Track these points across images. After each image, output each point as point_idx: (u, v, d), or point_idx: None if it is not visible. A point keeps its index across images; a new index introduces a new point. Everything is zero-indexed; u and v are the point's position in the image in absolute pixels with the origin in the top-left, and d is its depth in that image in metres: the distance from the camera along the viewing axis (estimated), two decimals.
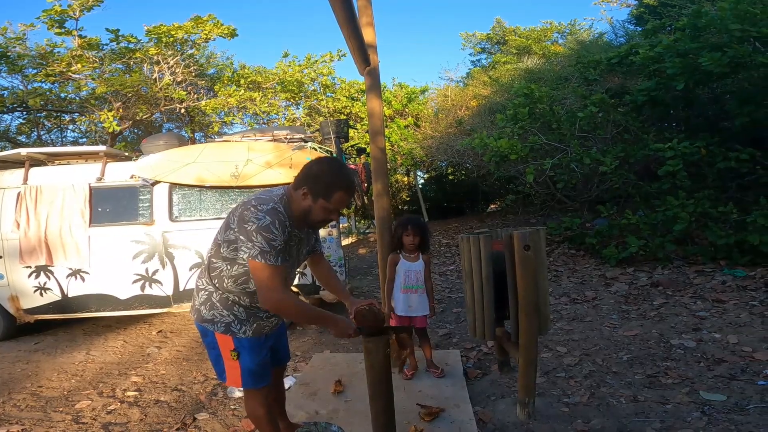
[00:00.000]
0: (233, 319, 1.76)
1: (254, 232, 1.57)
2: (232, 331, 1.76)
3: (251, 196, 1.72)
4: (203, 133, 12.06)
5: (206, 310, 1.78)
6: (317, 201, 1.68)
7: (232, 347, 1.77)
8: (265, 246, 1.57)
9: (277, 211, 1.62)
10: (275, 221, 1.59)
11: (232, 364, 1.79)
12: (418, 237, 2.89)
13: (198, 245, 4.20)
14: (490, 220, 10.22)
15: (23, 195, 4.20)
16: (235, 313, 1.76)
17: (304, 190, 1.68)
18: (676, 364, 2.87)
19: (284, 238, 1.62)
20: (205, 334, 1.82)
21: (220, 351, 1.79)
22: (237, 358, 1.78)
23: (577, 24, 14.52)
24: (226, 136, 5.15)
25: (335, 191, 1.67)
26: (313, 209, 1.70)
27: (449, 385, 2.75)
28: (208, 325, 1.78)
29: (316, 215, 1.71)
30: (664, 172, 5.15)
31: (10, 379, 3.38)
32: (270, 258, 1.58)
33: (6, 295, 4.22)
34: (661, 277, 4.74)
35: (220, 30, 8.70)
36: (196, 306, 1.82)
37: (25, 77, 8.76)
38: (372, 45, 3.04)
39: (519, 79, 8.98)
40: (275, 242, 1.59)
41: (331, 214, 1.73)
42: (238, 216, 1.63)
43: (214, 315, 1.77)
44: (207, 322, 1.78)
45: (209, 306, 1.77)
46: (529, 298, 2.16)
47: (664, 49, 5.38)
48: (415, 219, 2.99)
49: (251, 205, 1.62)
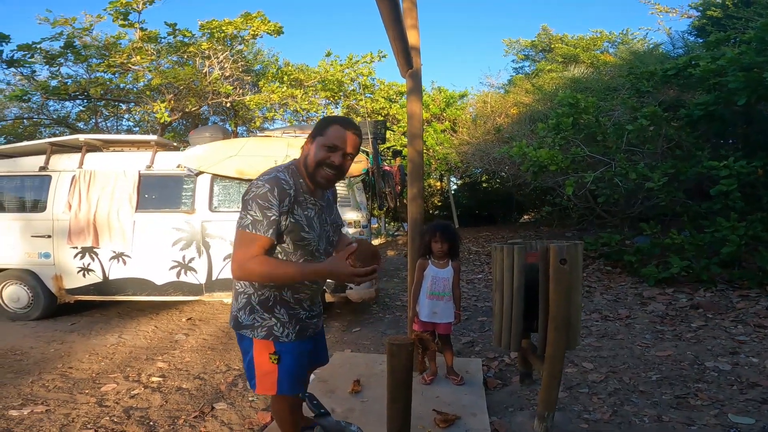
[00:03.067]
0: (275, 323, 1.64)
1: (251, 201, 1.51)
2: (274, 335, 1.64)
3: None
4: (246, 127, 12.42)
5: (245, 315, 1.65)
6: (314, 141, 1.61)
7: (272, 350, 1.64)
8: (258, 215, 1.49)
9: (279, 179, 1.54)
10: (274, 188, 1.51)
11: (270, 368, 1.65)
12: (447, 244, 2.85)
13: (233, 236, 4.30)
14: (523, 230, 9.99)
15: (77, 178, 4.43)
16: (277, 316, 1.64)
17: (306, 141, 1.64)
18: (708, 386, 2.76)
19: (284, 208, 1.52)
20: (242, 339, 1.70)
21: (254, 356, 1.66)
22: (277, 362, 1.65)
23: (630, 33, 13.96)
24: (268, 131, 5.27)
25: (330, 125, 1.60)
26: (312, 151, 1.60)
27: (468, 393, 2.71)
28: (247, 332, 1.65)
29: (316, 155, 1.58)
30: (716, 191, 4.86)
31: (43, 359, 3.52)
32: (260, 228, 1.49)
33: (50, 274, 4.45)
34: (703, 299, 4.55)
35: (267, 27, 8.93)
36: (233, 312, 1.70)
37: (89, 67, 9.24)
38: (415, 47, 3.03)
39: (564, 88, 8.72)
40: (270, 211, 1.49)
41: (330, 151, 1.58)
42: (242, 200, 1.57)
43: (254, 319, 1.64)
44: (246, 329, 1.65)
45: (249, 310, 1.65)
46: (561, 312, 2.10)
47: (728, 62, 5.08)
48: (444, 225, 2.94)
49: (256, 179, 1.57)
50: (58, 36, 8.35)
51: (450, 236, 2.86)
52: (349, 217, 4.23)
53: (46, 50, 8.52)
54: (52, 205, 4.44)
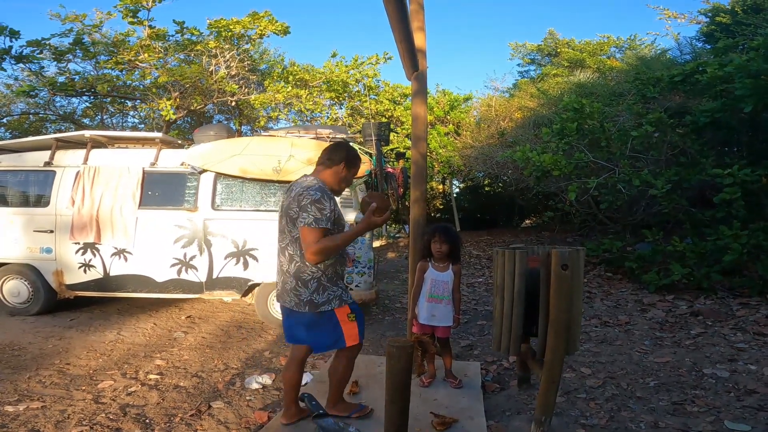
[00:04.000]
0: (341, 292, 2.23)
1: (309, 205, 2.08)
2: (344, 300, 2.22)
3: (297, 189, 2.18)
4: (250, 127, 12.44)
5: (320, 296, 2.17)
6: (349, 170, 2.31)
7: (348, 311, 2.22)
8: (318, 214, 2.08)
9: (323, 189, 2.18)
10: (324, 195, 2.13)
11: (351, 326, 2.23)
12: (446, 246, 2.83)
13: (235, 235, 4.31)
14: (524, 235, 9.96)
15: (82, 174, 4.44)
16: (339, 286, 2.25)
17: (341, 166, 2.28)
18: (705, 392, 2.76)
19: (332, 206, 2.15)
20: (321, 315, 2.17)
21: (339, 321, 2.19)
22: (354, 320, 2.24)
23: (637, 39, 13.91)
24: (272, 131, 5.27)
25: (359, 163, 2.40)
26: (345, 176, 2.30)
27: (465, 396, 2.71)
28: (325, 307, 2.17)
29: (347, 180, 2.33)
30: (719, 199, 4.84)
31: (41, 355, 3.53)
32: (321, 222, 2.08)
33: (51, 269, 4.46)
34: (703, 306, 4.54)
35: (275, 26, 8.95)
36: (305, 299, 2.16)
37: (97, 63, 9.27)
38: (422, 50, 3.03)
39: (569, 93, 8.70)
40: (326, 210, 2.10)
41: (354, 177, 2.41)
42: (296, 202, 2.12)
43: (328, 295, 2.18)
44: (324, 305, 2.17)
45: (321, 290, 2.17)
46: (561, 317, 2.10)
47: (735, 69, 5.06)
48: (445, 227, 2.93)
49: (303, 191, 2.13)
50: (68, 32, 8.39)
51: (450, 238, 2.84)
52: (351, 218, 4.23)
53: (55, 46, 8.56)
54: (55, 200, 4.45)
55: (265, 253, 4.29)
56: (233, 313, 4.89)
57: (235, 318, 4.72)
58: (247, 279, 4.33)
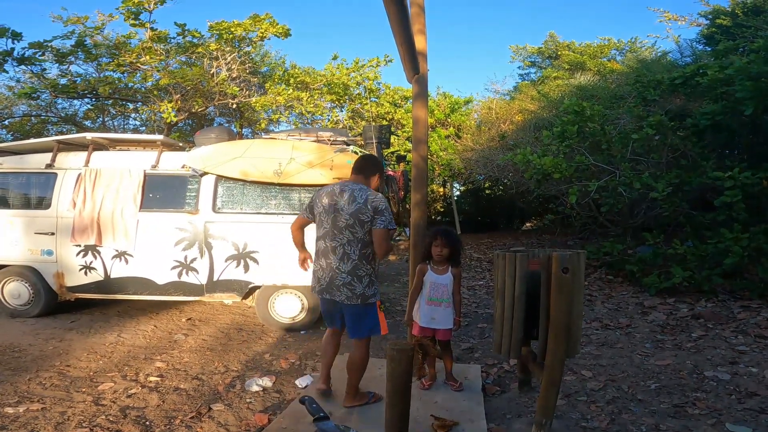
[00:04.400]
0: (378, 286, 2.60)
1: (385, 210, 2.46)
2: (379, 294, 2.60)
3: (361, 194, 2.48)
4: (251, 129, 12.45)
5: (369, 290, 2.50)
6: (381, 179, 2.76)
7: (380, 304, 2.61)
8: (390, 217, 2.48)
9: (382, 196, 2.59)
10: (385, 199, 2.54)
11: (382, 316, 2.59)
12: (447, 249, 2.82)
13: (235, 237, 4.31)
14: (525, 238, 9.96)
15: (83, 176, 4.45)
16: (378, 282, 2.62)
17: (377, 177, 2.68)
18: (706, 395, 2.75)
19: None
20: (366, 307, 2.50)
21: (377, 312, 2.54)
22: (383, 311, 2.61)
23: (638, 41, 13.92)
24: (273, 133, 5.28)
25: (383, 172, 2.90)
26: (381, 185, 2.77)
27: (466, 399, 2.70)
28: (372, 299, 2.52)
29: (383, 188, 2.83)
30: (720, 202, 4.84)
31: (41, 357, 3.52)
32: (392, 224, 2.48)
33: (52, 271, 4.46)
34: (704, 309, 4.54)
35: (276, 29, 8.96)
36: (358, 293, 2.47)
37: (99, 66, 9.28)
38: (422, 53, 3.04)
39: (570, 96, 8.71)
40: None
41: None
42: (371, 208, 2.44)
43: (375, 289, 2.54)
44: (371, 298, 2.51)
45: (370, 283, 2.51)
46: (561, 320, 2.10)
47: (736, 72, 5.06)
48: (445, 230, 2.92)
49: (374, 197, 2.48)
50: (70, 34, 8.40)
51: (451, 241, 2.84)
52: None
53: (57, 48, 8.57)
54: (56, 202, 4.46)
55: (265, 255, 4.29)
56: (234, 316, 4.89)
57: (236, 320, 4.72)
58: (248, 282, 4.33)
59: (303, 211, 2.75)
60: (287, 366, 3.43)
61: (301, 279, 4.29)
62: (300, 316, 4.37)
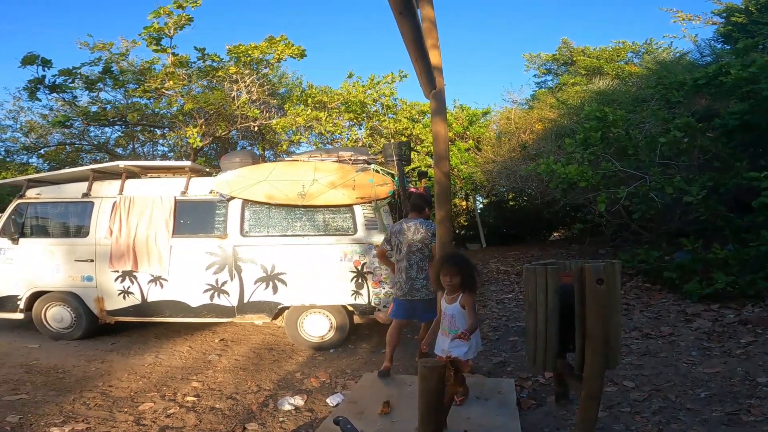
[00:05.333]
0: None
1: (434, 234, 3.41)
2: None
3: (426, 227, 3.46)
4: (273, 151, 12.68)
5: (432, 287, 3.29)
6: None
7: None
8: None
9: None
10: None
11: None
12: (457, 277, 2.64)
13: (263, 260, 4.39)
14: (553, 248, 9.76)
15: (118, 204, 4.63)
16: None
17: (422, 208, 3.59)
18: (761, 402, 2.63)
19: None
20: (433, 301, 3.35)
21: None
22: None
23: (654, 43, 13.66)
24: (295, 155, 5.40)
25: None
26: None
27: (500, 414, 2.64)
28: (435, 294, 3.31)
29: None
30: (758, 204, 4.65)
31: (84, 378, 3.64)
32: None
33: (93, 296, 4.63)
34: (751, 314, 4.33)
35: (291, 50, 9.08)
36: (432, 290, 3.32)
37: (126, 92, 9.56)
38: (438, 67, 3.06)
39: (590, 102, 8.58)
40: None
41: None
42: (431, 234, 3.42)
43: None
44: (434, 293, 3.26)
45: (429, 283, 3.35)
46: (598, 332, 2.03)
47: (759, 69, 4.92)
48: (450, 257, 2.76)
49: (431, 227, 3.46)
50: (97, 61, 8.66)
51: (458, 268, 2.65)
52: (376, 239, 4.25)
53: (86, 75, 8.83)
54: (94, 230, 4.64)
55: (293, 276, 4.35)
56: (264, 336, 4.94)
57: (266, 340, 4.77)
58: (277, 302, 4.39)
59: (382, 244, 3.73)
60: (318, 384, 3.44)
61: (328, 299, 4.33)
62: (329, 335, 4.39)
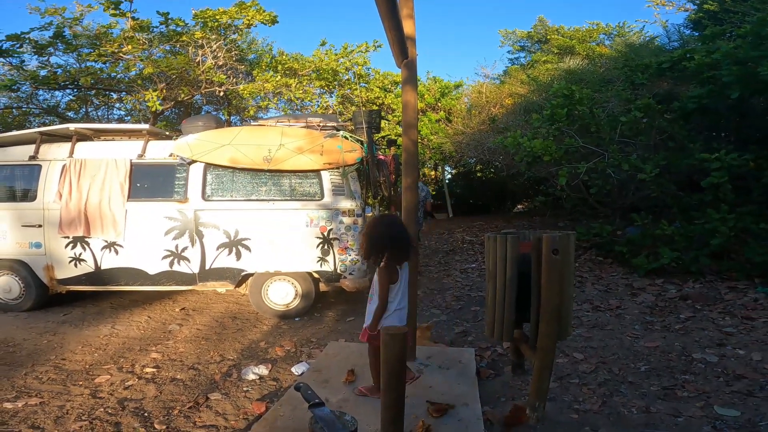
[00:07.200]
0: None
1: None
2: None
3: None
4: (239, 117, 12.29)
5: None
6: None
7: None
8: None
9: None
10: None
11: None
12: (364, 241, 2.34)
13: (226, 225, 4.29)
14: (516, 220, 10.04)
15: (68, 167, 4.37)
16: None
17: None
18: (695, 377, 2.82)
19: None
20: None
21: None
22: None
23: (626, 26, 13.91)
24: (262, 120, 5.22)
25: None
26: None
27: (461, 382, 2.72)
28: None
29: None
30: (707, 183, 4.92)
31: (36, 351, 3.49)
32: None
33: (42, 264, 4.41)
34: (691, 290, 4.62)
35: (262, 16, 8.81)
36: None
37: (80, 56, 9.08)
38: (411, 37, 3.00)
39: (559, 79, 8.71)
40: None
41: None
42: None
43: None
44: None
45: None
46: (553, 302, 2.12)
47: (722, 56, 5.10)
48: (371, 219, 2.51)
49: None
50: (48, 26, 8.21)
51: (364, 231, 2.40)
52: (343, 205, 4.23)
53: (35, 40, 8.36)
54: (42, 194, 4.38)
55: (257, 242, 4.29)
56: (227, 304, 4.89)
57: (230, 309, 4.73)
58: (241, 269, 4.33)
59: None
60: (283, 353, 3.45)
61: (294, 265, 4.31)
62: (294, 303, 4.39)
